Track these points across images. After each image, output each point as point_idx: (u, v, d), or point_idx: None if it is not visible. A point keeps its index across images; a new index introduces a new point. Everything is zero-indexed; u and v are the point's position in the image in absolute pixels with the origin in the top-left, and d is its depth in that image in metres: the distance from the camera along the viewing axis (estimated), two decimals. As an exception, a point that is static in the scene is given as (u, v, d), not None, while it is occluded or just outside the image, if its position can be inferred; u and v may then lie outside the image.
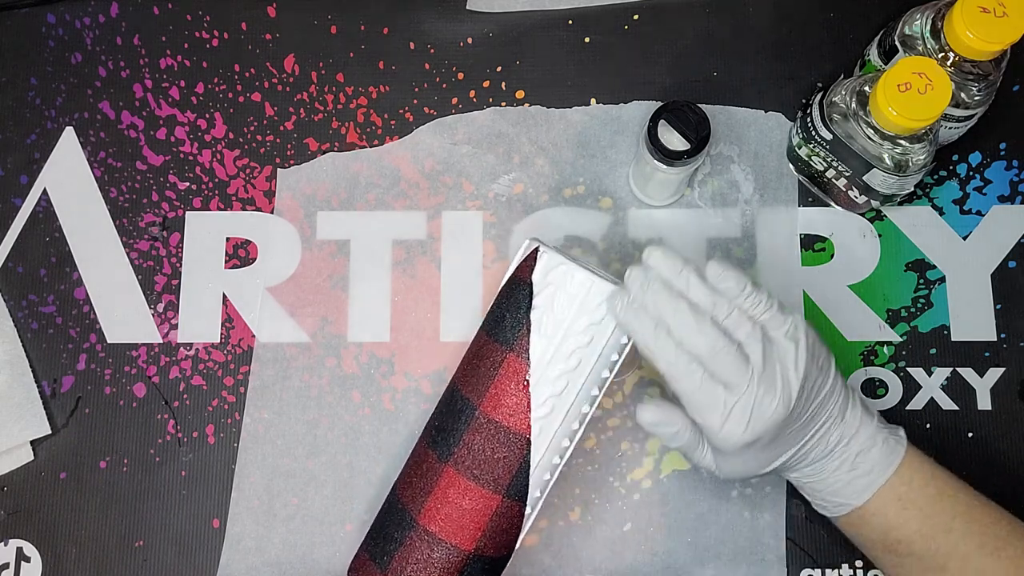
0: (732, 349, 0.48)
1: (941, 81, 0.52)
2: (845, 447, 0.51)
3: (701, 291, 0.50)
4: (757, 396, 0.48)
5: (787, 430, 0.49)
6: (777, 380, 0.48)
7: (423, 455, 0.54)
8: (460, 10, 0.69)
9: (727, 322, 0.49)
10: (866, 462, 0.51)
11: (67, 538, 0.62)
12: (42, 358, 0.65)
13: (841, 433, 0.51)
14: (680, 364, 0.49)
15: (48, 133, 0.67)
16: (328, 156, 0.67)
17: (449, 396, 0.55)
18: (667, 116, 0.58)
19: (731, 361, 0.48)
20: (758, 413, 0.48)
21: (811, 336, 0.50)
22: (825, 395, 0.50)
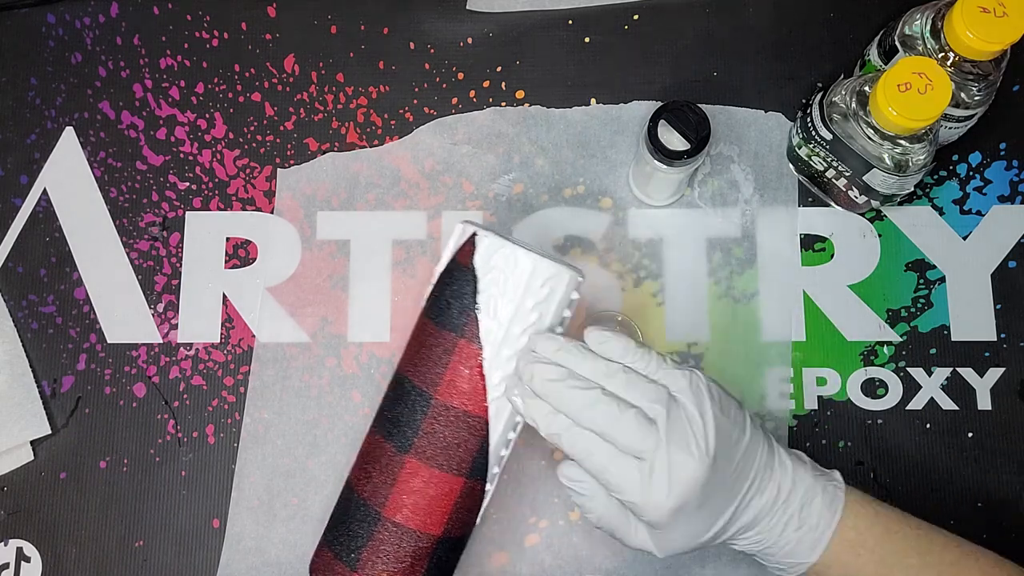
0: (631, 415, 0.47)
1: (941, 81, 0.52)
2: (786, 503, 0.49)
3: (590, 364, 0.48)
4: (671, 457, 0.46)
5: (715, 489, 0.47)
6: (689, 437, 0.47)
7: (378, 447, 0.54)
8: (460, 10, 0.69)
9: (625, 389, 0.48)
10: (811, 516, 0.49)
11: (67, 538, 0.62)
12: (42, 358, 0.65)
13: (778, 487, 0.49)
14: (583, 444, 0.47)
15: (48, 133, 0.67)
16: (328, 156, 0.67)
17: (397, 385, 0.54)
18: (667, 116, 0.58)
19: (634, 427, 0.46)
20: (677, 475, 0.46)
21: (715, 388, 0.49)
22: (746, 446, 0.48)
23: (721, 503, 0.48)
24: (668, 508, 0.47)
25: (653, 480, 0.46)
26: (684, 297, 0.65)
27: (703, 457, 0.46)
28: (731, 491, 0.48)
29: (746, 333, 0.64)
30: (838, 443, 0.63)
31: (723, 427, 0.48)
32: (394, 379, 0.55)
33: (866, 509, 0.50)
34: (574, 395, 0.47)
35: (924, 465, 0.62)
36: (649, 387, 0.48)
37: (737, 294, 0.65)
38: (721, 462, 0.47)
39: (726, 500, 0.48)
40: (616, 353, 0.49)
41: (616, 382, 0.48)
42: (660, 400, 0.47)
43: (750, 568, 0.61)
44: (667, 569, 0.61)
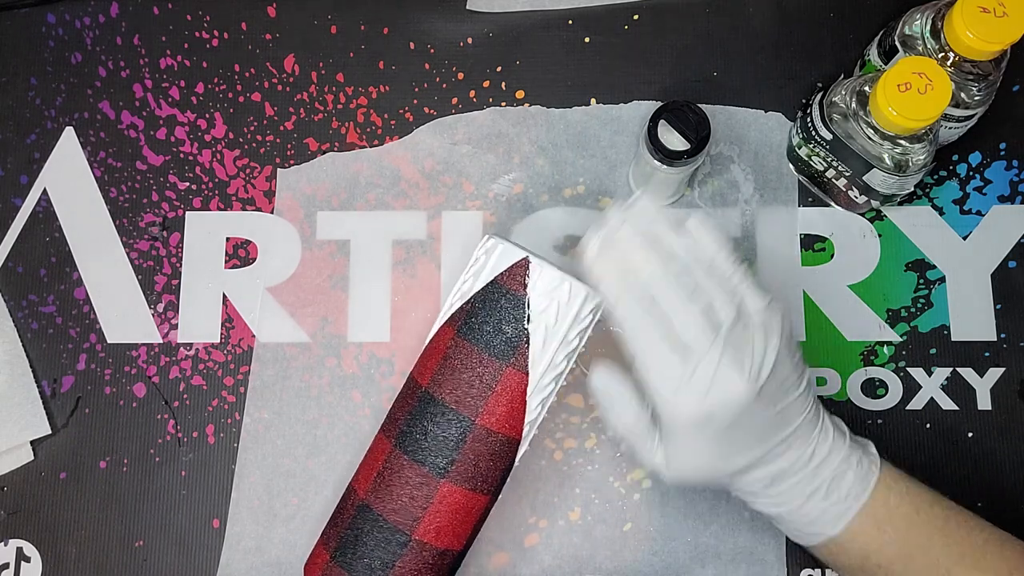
0: (699, 306, 0.44)
1: (941, 81, 0.52)
2: (817, 470, 0.48)
3: (679, 242, 0.46)
4: (720, 366, 0.44)
5: (747, 423, 0.45)
6: (746, 355, 0.44)
7: (407, 468, 0.52)
8: (460, 10, 0.69)
9: (704, 278, 0.45)
10: (841, 488, 0.48)
11: (67, 538, 0.62)
12: (42, 358, 0.65)
13: (812, 451, 0.48)
14: (639, 314, 0.45)
15: (48, 133, 0.67)
16: (328, 156, 0.67)
17: (425, 403, 0.53)
18: (667, 116, 0.58)
19: (697, 321, 0.44)
20: (718, 386, 0.44)
21: (788, 324, 0.47)
22: (795, 399, 0.47)
23: (748, 440, 0.46)
24: (696, 414, 0.44)
25: (693, 381, 0.44)
26: (684, 297, 0.65)
27: (751, 381, 0.44)
28: (765, 433, 0.46)
29: (746, 333, 0.64)
30: (838, 443, 0.63)
31: (782, 366, 0.45)
32: (418, 394, 0.53)
33: (898, 486, 0.49)
34: (656, 263, 0.45)
35: (924, 465, 0.62)
36: (727, 288, 0.45)
37: (737, 294, 0.65)
38: (766, 398, 0.45)
39: (757, 439, 0.46)
40: (711, 245, 0.46)
41: (700, 270, 0.45)
42: (732, 305, 0.45)
43: (750, 568, 0.61)
44: (667, 569, 0.61)
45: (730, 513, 0.62)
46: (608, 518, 0.62)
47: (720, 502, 0.62)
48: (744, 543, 0.61)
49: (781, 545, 0.61)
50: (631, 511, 0.62)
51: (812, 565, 0.61)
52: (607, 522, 0.62)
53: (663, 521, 0.62)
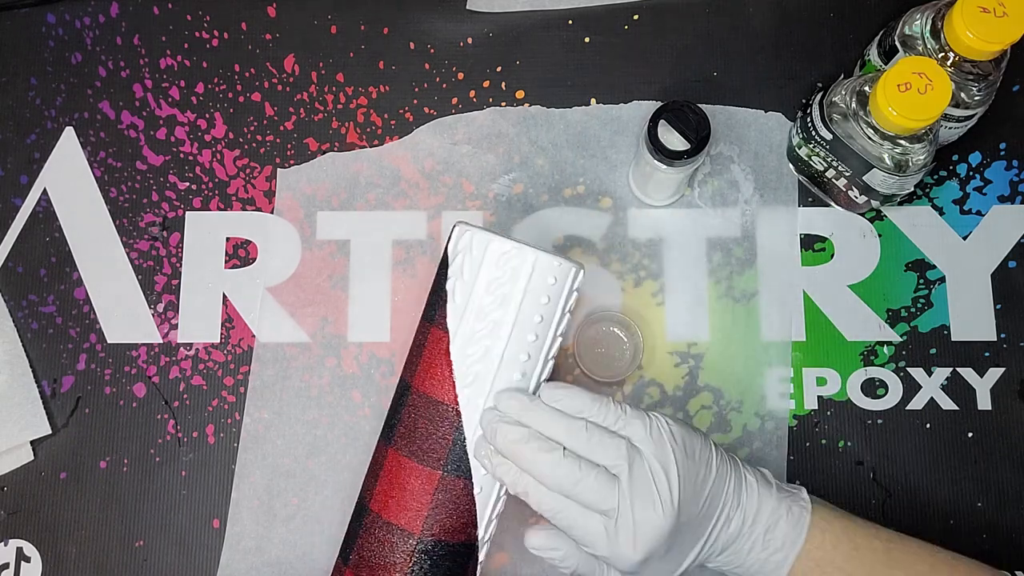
0: (592, 475, 0.47)
1: (941, 81, 0.52)
2: (751, 528, 0.50)
3: (550, 421, 0.49)
4: (635, 513, 0.47)
5: (682, 534, 0.48)
6: (652, 491, 0.47)
7: (377, 445, 0.54)
8: (460, 10, 0.69)
9: (587, 447, 0.48)
10: (775, 538, 0.50)
11: (67, 538, 0.62)
12: (42, 358, 0.65)
13: (742, 518, 0.50)
14: (549, 503, 0.48)
15: (48, 133, 0.67)
16: (328, 156, 0.67)
17: (399, 386, 0.55)
18: (667, 116, 0.58)
19: (596, 487, 0.47)
20: (642, 530, 0.47)
21: (677, 430, 0.49)
22: (713, 482, 0.49)
23: (689, 543, 0.49)
24: (635, 561, 0.47)
25: (619, 536, 0.47)
26: (684, 297, 0.65)
27: (668, 511, 0.47)
28: (698, 530, 0.49)
29: (746, 333, 0.64)
30: (838, 443, 0.63)
31: (688, 471, 0.48)
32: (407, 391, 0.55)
33: (833, 526, 0.51)
34: (536, 457, 0.48)
35: (924, 465, 0.62)
36: (610, 443, 0.48)
37: (737, 294, 0.65)
38: (687, 507, 0.48)
39: (694, 539, 0.49)
40: (574, 408, 0.49)
41: (578, 440, 0.48)
42: (621, 456, 0.47)
43: (750, 568, 0.61)
44: (667, 569, 0.61)
45: (730, 513, 0.62)
46: (608, 518, 0.62)
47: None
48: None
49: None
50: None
51: (812, 565, 0.61)
52: (607, 522, 0.62)
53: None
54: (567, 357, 0.64)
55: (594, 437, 0.48)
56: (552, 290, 0.51)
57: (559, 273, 0.51)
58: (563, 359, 0.64)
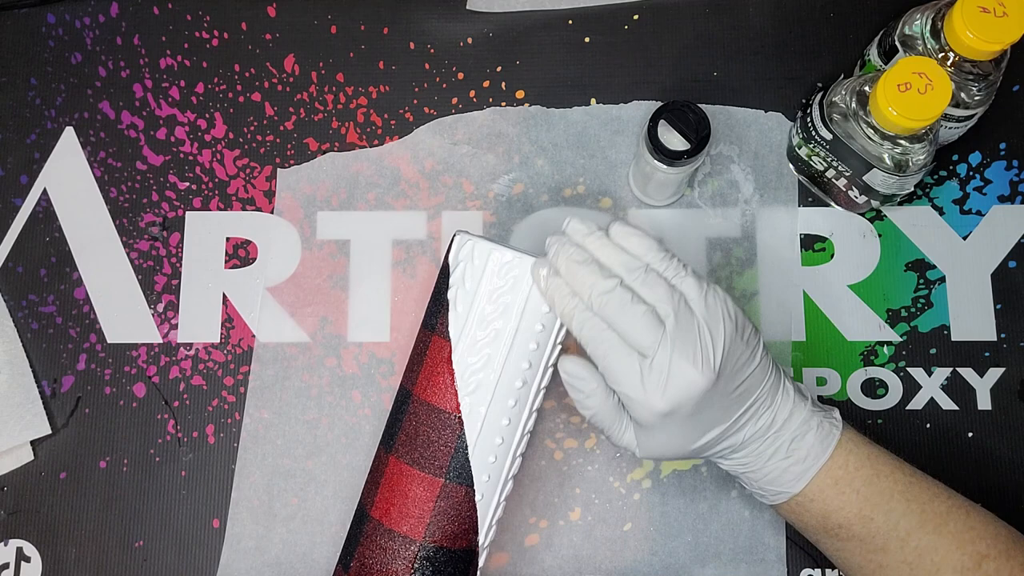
0: (640, 310, 0.47)
1: (941, 81, 0.52)
2: (777, 433, 0.50)
3: (613, 254, 0.49)
4: (672, 361, 0.46)
5: (711, 405, 0.48)
6: (695, 345, 0.47)
7: (377, 452, 0.55)
8: (460, 10, 0.69)
9: (642, 286, 0.48)
10: (800, 448, 0.50)
11: (67, 538, 0.62)
12: (42, 358, 0.65)
13: (773, 417, 0.50)
14: (590, 328, 0.48)
15: (48, 133, 0.67)
16: (328, 156, 0.67)
17: (399, 394, 0.55)
18: (667, 116, 0.58)
19: (642, 323, 0.47)
20: (675, 381, 0.46)
21: (733, 307, 0.49)
22: (753, 373, 0.49)
23: (713, 419, 0.49)
24: (659, 410, 0.47)
25: (650, 378, 0.47)
26: (684, 297, 0.65)
27: (705, 370, 0.47)
28: (727, 411, 0.49)
29: (746, 333, 0.64)
30: (838, 443, 0.63)
31: (734, 347, 0.48)
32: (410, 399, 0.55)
33: (860, 450, 0.51)
34: (593, 280, 0.48)
35: (924, 465, 0.62)
36: (664, 288, 0.48)
37: (737, 294, 0.65)
38: (724, 380, 0.47)
39: (719, 418, 0.49)
40: (640, 249, 0.49)
41: (635, 277, 0.48)
42: (671, 302, 0.47)
43: (751, 568, 0.61)
44: (667, 569, 0.61)
45: (730, 513, 0.62)
46: (608, 518, 0.62)
47: (720, 502, 0.62)
48: (744, 543, 0.61)
49: (781, 545, 0.61)
50: (631, 511, 0.62)
51: (812, 565, 0.61)
52: (607, 522, 0.62)
53: (663, 521, 0.62)
54: (567, 357, 0.64)
55: (651, 278, 0.48)
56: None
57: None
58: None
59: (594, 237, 0.50)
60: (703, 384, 0.47)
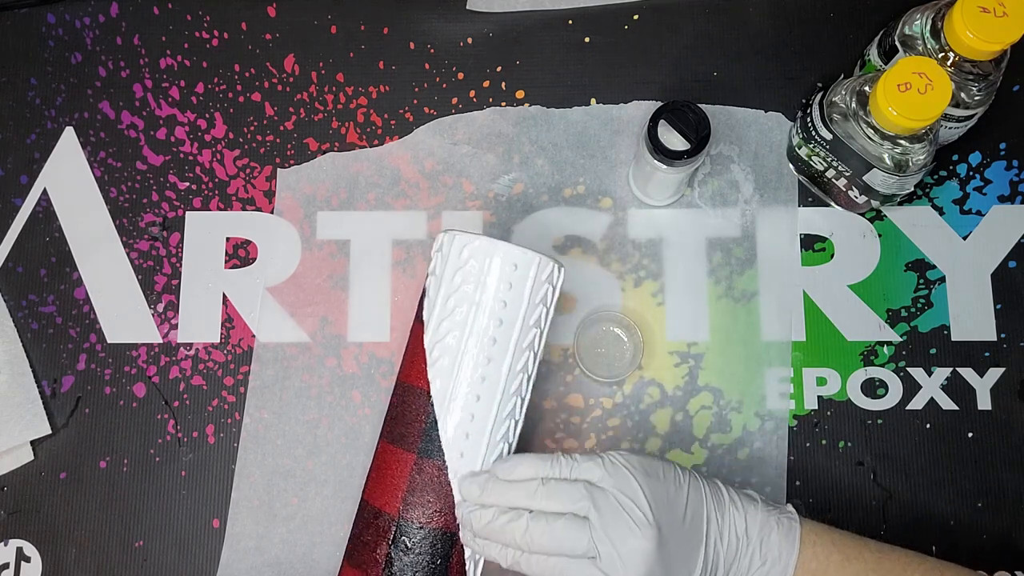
0: (560, 524, 0.48)
1: (941, 81, 0.52)
2: (747, 540, 0.50)
3: (509, 491, 0.50)
4: (616, 545, 0.47)
5: (676, 556, 0.48)
6: (625, 518, 0.48)
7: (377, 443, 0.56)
8: (460, 10, 0.69)
9: (545, 501, 0.49)
10: (771, 549, 0.50)
11: (67, 538, 0.62)
12: (42, 358, 0.65)
13: (734, 531, 0.50)
14: (538, 566, 0.49)
15: (48, 133, 0.67)
16: (328, 156, 0.67)
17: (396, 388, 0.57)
18: (667, 116, 0.58)
19: (569, 533, 0.48)
20: (630, 559, 0.47)
21: (634, 459, 0.50)
22: (689, 499, 0.49)
23: (688, 557, 0.49)
24: None
25: (612, 571, 0.47)
26: (684, 297, 0.65)
27: (647, 531, 0.47)
28: (692, 548, 0.49)
29: (746, 333, 0.64)
30: (838, 443, 0.63)
31: (656, 490, 0.49)
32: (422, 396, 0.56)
33: (822, 538, 0.51)
34: (507, 529, 0.49)
35: (924, 465, 0.62)
36: (568, 489, 0.49)
37: (737, 294, 0.65)
38: (667, 526, 0.48)
39: (691, 557, 0.49)
40: (527, 473, 0.50)
41: (538, 499, 0.49)
42: (582, 497, 0.48)
43: (750, 568, 0.61)
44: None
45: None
46: (608, 518, 0.62)
47: (720, 502, 0.62)
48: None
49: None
50: (631, 511, 0.62)
51: (812, 565, 0.61)
52: (607, 522, 0.62)
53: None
54: (567, 357, 0.64)
55: (551, 489, 0.49)
56: (514, 277, 0.52)
57: (521, 261, 0.53)
58: (563, 359, 0.64)
59: (486, 492, 0.50)
60: (651, 542, 0.47)
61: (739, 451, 0.63)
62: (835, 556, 0.51)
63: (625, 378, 0.63)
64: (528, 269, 0.53)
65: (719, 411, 0.63)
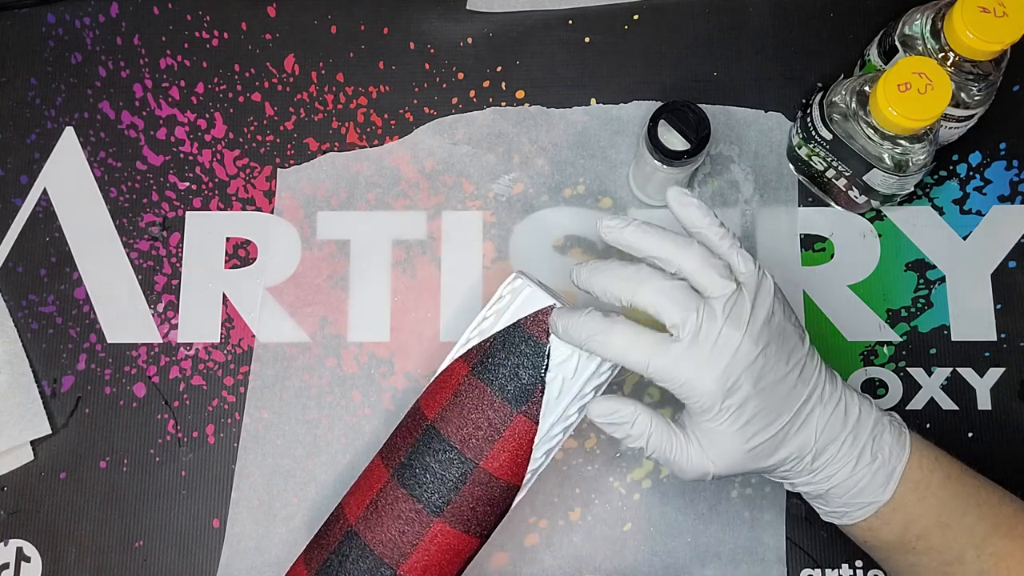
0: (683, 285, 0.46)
1: (941, 81, 0.52)
2: (855, 432, 0.47)
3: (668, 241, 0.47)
4: (721, 331, 0.45)
5: (769, 386, 0.45)
6: (740, 314, 0.45)
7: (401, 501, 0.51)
8: (460, 10, 0.69)
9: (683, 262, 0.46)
10: (882, 448, 0.47)
11: (67, 538, 0.62)
12: (42, 358, 0.65)
13: (845, 406, 0.47)
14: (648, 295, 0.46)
15: (48, 133, 0.67)
16: (328, 156, 0.67)
17: (429, 438, 0.51)
18: (667, 116, 0.58)
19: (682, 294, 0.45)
20: (721, 348, 0.44)
21: (779, 290, 0.47)
22: (805, 355, 0.47)
23: (778, 402, 0.46)
24: (715, 384, 0.44)
25: (699, 350, 0.44)
26: (684, 297, 0.64)
27: (751, 333, 0.44)
28: (789, 393, 0.46)
29: (746, 333, 0.64)
30: (838, 443, 0.63)
31: (778, 320, 0.46)
32: (423, 427, 0.52)
33: (928, 453, 0.48)
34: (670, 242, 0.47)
35: (924, 465, 0.62)
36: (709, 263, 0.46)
37: (737, 294, 0.65)
38: (772, 353, 0.45)
39: (784, 401, 0.46)
40: (693, 214, 0.47)
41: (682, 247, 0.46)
42: (714, 276, 0.46)
43: (751, 567, 0.61)
44: (667, 569, 0.61)
45: (730, 513, 0.62)
46: (608, 518, 0.62)
47: (720, 502, 0.62)
48: (744, 543, 0.61)
49: (781, 545, 0.61)
50: (631, 511, 0.62)
51: (812, 565, 0.61)
52: (607, 522, 0.62)
53: (663, 521, 0.62)
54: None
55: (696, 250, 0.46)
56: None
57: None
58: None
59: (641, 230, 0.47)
60: (750, 347, 0.44)
61: (739, 451, 0.63)
62: (938, 472, 0.48)
63: (625, 378, 0.63)
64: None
65: (719, 411, 0.63)
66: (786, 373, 0.46)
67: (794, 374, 0.46)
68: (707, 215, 0.47)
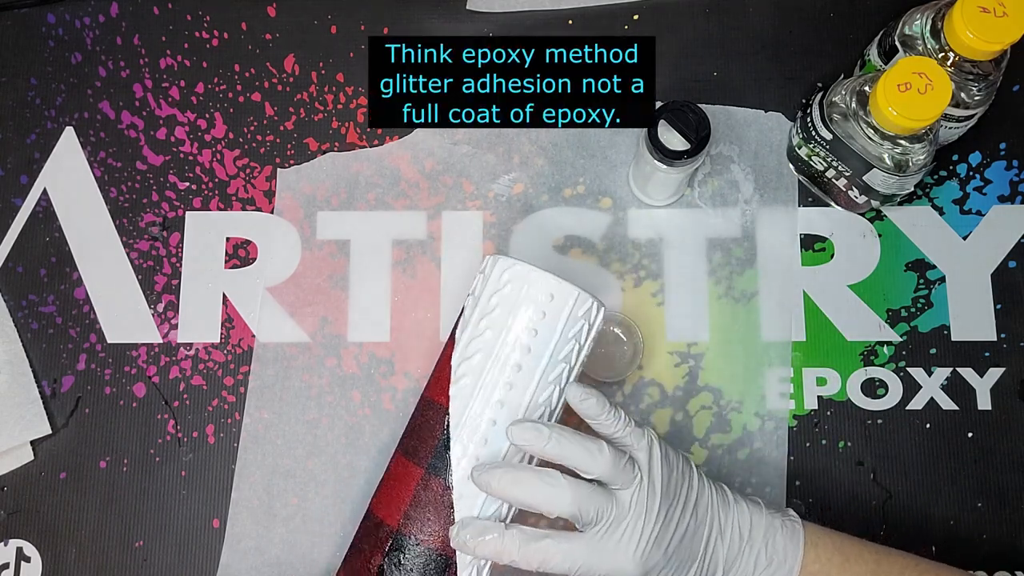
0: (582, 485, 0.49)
1: (941, 81, 0.52)
2: (750, 542, 0.50)
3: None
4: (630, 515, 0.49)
5: (678, 536, 0.49)
6: (647, 499, 0.49)
7: (443, 493, 0.53)
8: (460, 10, 0.69)
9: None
10: (777, 550, 0.50)
11: (67, 538, 0.62)
12: (42, 358, 0.65)
13: (738, 527, 0.50)
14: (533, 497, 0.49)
15: (48, 133, 0.67)
16: (328, 156, 0.67)
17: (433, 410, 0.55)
18: (667, 116, 0.58)
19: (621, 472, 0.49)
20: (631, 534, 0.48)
21: (664, 445, 0.51)
22: (698, 491, 0.50)
23: (685, 552, 0.49)
24: (635, 568, 0.48)
25: (612, 542, 0.48)
26: (684, 297, 0.65)
27: (653, 514, 0.48)
28: (692, 539, 0.49)
29: (746, 333, 0.64)
30: (838, 443, 0.63)
31: (677, 475, 0.50)
32: (443, 421, 0.54)
33: (824, 541, 0.51)
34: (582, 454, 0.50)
35: (924, 465, 0.62)
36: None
37: (737, 294, 0.65)
38: (680, 510, 0.49)
39: (690, 547, 0.49)
40: (592, 407, 0.50)
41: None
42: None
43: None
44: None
45: (730, 513, 0.62)
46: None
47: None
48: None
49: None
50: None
51: (812, 565, 0.61)
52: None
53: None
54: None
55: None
56: (549, 307, 0.51)
57: (558, 292, 0.51)
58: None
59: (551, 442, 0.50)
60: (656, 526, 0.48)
61: (739, 451, 0.63)
62: (836, 558, 0.51)
63: (625, 378, 0.63)
64: (565, 301, 0.52)
65: (719, 411, 0.63)
66: (687, 523, 0.50)
67: (693, 520, 0.50)
68: (603, 408, 0.50)
